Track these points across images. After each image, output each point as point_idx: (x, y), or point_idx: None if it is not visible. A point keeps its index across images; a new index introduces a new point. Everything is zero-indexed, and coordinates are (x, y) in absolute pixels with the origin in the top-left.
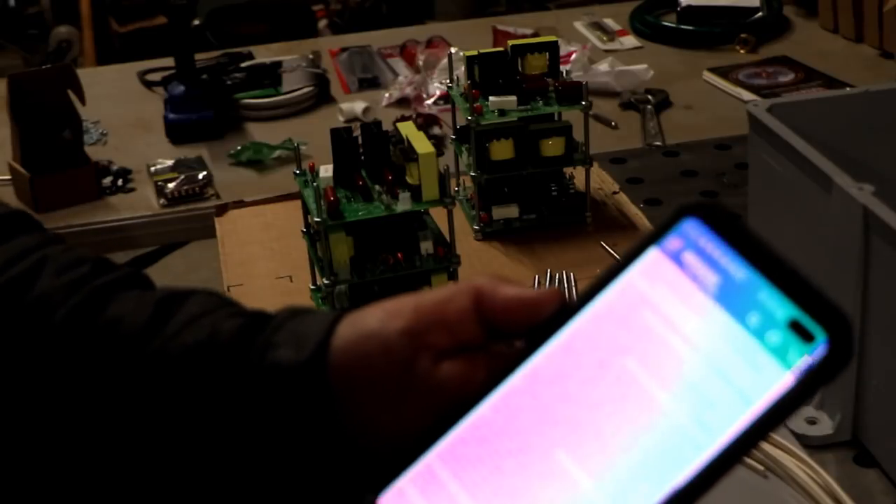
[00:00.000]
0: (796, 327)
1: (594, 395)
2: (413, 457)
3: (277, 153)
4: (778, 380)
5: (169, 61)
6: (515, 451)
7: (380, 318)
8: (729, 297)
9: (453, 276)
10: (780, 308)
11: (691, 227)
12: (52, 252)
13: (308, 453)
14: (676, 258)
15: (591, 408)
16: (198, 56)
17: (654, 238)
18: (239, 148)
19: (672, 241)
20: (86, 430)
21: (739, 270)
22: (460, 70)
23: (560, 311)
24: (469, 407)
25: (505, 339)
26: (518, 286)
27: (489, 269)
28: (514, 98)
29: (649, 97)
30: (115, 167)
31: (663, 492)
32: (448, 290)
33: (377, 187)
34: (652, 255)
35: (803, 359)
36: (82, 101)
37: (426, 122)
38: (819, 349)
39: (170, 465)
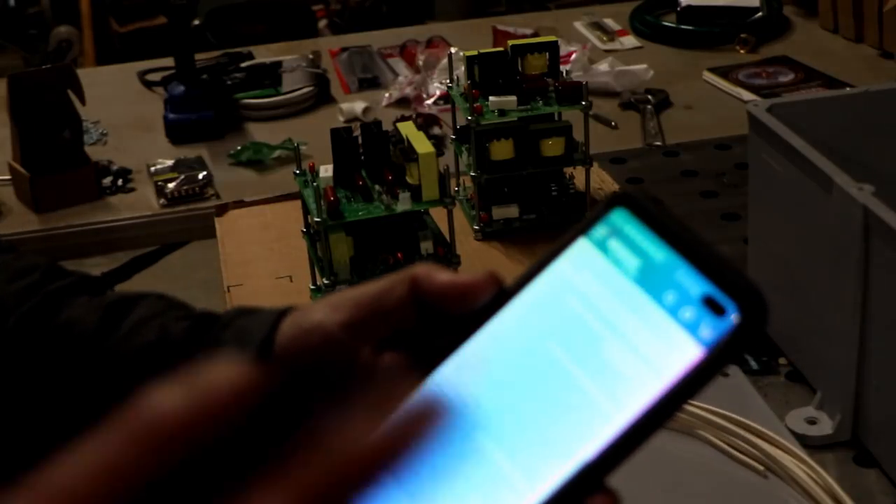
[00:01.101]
0: (709, 302)
1: (517, 379)
2: None
3: (277, 153)
4: (690, 353)
5: (169, 61)
6: (439, 434)
7: (322, 312)
8: (648, 279)
9: None
10: (695, 285)
11: (617, 217)
12: (4, 260)
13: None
14: (602, 246)
15: (512, 390)
16: (198, 56)
17: (583, 229)
18: (239, 148)
19: (599, 230)
20: (41, 428)
21: (659, 253)
22: (460, 70)
23: (493, 299)
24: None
25: (443, 325)
26: (453, 273)
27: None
28: (514, 98)
29: (649, 97)
30: (115, 167)
31: (575, 464)
32: (387, 281)
33: (377, 187)
34: (580, 244)
35: (714, 332)
36: (82, 101)
37: (426, 122)
38: (730, 322)
39: None
